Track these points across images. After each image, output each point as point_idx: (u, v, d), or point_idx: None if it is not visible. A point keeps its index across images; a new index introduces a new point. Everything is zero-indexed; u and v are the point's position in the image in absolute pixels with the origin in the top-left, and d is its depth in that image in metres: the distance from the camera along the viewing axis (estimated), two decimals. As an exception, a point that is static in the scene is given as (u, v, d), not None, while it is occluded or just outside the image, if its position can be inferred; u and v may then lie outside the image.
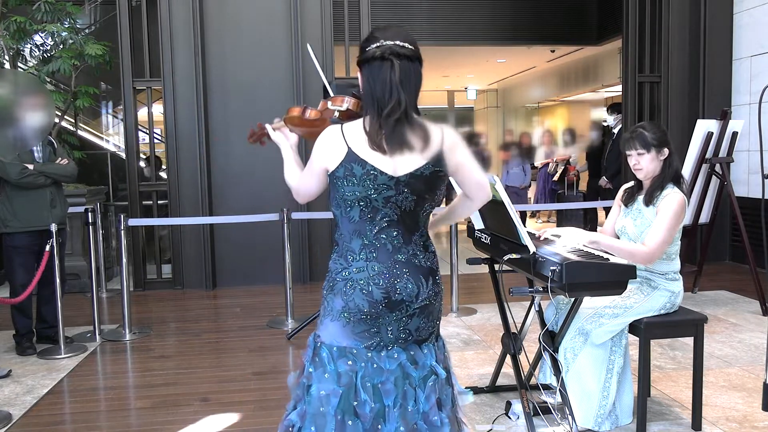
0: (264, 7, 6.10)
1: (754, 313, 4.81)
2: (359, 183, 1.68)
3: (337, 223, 1.77)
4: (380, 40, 1.70)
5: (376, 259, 1.72)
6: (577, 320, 2.76)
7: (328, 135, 1.73)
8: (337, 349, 1.72)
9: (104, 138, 9.18)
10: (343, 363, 1.71)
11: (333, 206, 1.76)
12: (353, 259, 1.72)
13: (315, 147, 1.75)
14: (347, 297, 1.72)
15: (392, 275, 1.72)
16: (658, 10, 6.63)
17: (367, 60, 1.71)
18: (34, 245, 4.15)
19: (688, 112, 6.68)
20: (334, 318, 1.74)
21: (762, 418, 2.96)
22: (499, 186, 2.54)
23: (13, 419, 3.17)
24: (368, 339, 1.72)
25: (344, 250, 1.75)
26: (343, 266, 1.74)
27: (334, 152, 1.71)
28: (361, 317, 1.71)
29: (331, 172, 1.71)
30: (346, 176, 1.68)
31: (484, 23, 8.40)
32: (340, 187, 1.70)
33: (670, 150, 2.82)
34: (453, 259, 5.04)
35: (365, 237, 1.72)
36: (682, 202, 2.74)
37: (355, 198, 1.70)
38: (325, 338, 1.75)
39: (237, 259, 6.18)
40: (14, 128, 3.65)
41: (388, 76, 1.68)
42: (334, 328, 1.74)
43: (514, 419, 2.96)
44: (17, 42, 6.06)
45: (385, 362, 1.72)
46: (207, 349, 4.32)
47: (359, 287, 1.71)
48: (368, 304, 1.71)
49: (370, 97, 1.70)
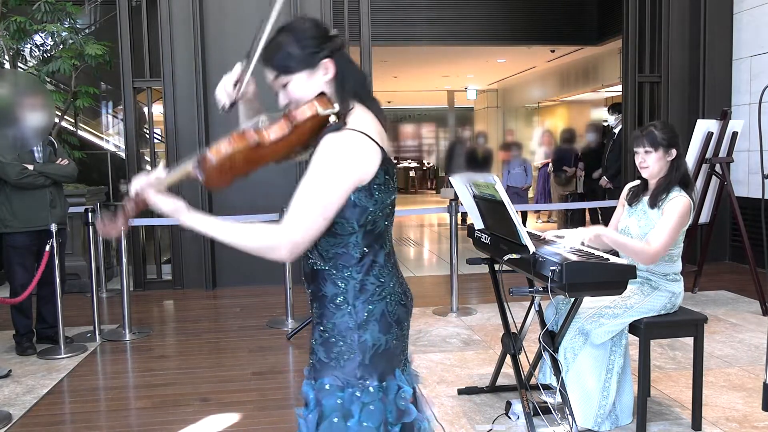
0: (264, 7, 6.06)
1: (754, 313, 4.81)
2: (393, 185, 1.49)
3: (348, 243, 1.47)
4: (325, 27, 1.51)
5: (395, 265, 1.55)
6: (577, 320, 2.76)
7: (357, 142, 1.40)
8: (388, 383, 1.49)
9: (104, 138, 9.18)
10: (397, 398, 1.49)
11: (358, 225, 1.44)
12: (383, 272, 1.50)
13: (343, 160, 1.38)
14: (392, 316, 1.50)
15: (401, 278, 1.57)
16: (658, 10, 6.63)
17: (339, 47, 1.49)
18: (34, 245, 4.15)
19: (688, 112, 6.68)
20: (382, 347, 1.48)
21: (762, 418, 2.96)
22: (499, 186, 2.55)
23: (13, 419, 3.17)
24: (399, 359, 1.53)
25: (372, 266, 1.48)
26: (376, 284, 1.49)
27: (371, 158, 1.42)
28: (402, 334, 1.53)
29: (368, 182, 1.41)
30: (385, 181, 1.44)
31: (484, 23, 8.40)
32: (380, 195, 1.44)
33: (679, 152, 2.80)
34: (453, 259, 5.04)
35: (384, 246, 1.51)
36: (688, 205, 2.73)
37: (390, 203, 1.49)
38: (373, 378, 1.47)
39: (237, 259, 6.15)
40: (14, 128, 3.65)
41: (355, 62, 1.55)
42: (382, 360, 1.48)
43: (514, 419, 2.96)
44: (17, 42, 6.06)
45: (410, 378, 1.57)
46: (207, 349, 4.32)
47: (399, 299, 1.52)
48: (407, 314, 1.54)
49: (365, 90, 1.51)
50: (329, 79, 1.48)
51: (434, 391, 3.38)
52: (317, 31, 1.48)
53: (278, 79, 1.49)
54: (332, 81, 1.48)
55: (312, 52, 1.46)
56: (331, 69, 1.47)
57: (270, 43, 1.49)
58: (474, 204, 2.96)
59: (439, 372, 3.68)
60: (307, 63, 1.47)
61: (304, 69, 1.47)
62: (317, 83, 1.47)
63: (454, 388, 3.38)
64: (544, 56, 11.21)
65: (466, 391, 3.33)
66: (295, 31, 1.48)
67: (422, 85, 15.19)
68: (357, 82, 1.49)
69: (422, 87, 15.68)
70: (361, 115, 1.46)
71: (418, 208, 10.85)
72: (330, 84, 1.48)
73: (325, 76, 1.47)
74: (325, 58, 1.47)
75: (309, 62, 1.47)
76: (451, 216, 5.16)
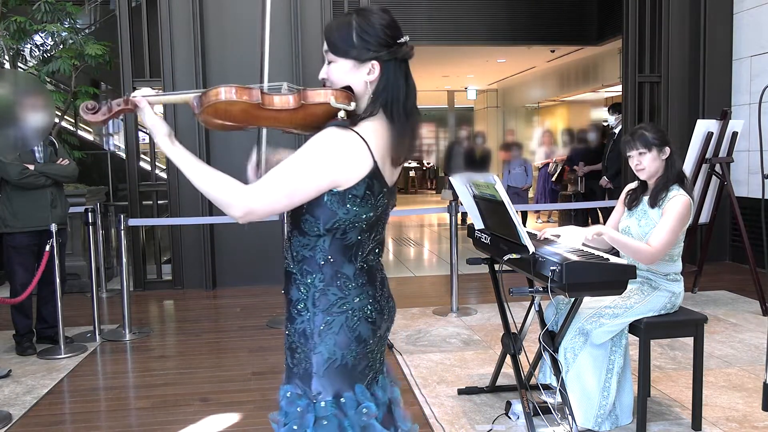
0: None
1: (754, 313, 4.81)
2: (375, 203, 1.43)
3: (316, 246, 1.45)
4: (404, 36, 1.46)
5: (369, 282, 1.49)
6: (577, 320, 2.76)
7: (351, 143, 1.38)
8: (346, 400, 1.45)
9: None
10: (357, 414, 1.45)
11: (324, 228, 1.43)
12: (349, 286, 1.46)
13: (328, 154, 1.37)
14: (352, 332, 1.46)
15: (381, 296, 1.52)
16: (658, 10, 6.63)
17: (397, 57, 1.44)
18: (34, 245, 4.15)
19: (688, 112, 6.68)
20: (339, 363, 1.45)
21: (762, 418, 2.96)
22: (499, 186, 2.55)
23: (13, 419, 3.17)
24: (366, 376, 1.50)
25: (335, 277, 1.45)
26: (338, 296, 1.45)
27: (357, 166, 1.38)
28: (366, 351, 1.48)
29: (344, 189, 1.39)
30: (365, 196, 1.40)
31: (484, 23, 8.40)
32: (353, 208, 1.40)
33: (672, 149, 2.83)
34: (453, 259, 5.04)
35: (356, 259, 1.47)
36: (688, 204, 2.74)
37: (364, 219, 1.44)
38: (327, 394, 1.45)
39: (237, 259, 6.18)
40: (15, 128, 3.66)
41: (413, 82, 1.48)
42: (338, 375, 1.46)
43: (514, 419, 2.96)
44: (17, 42, 6.07)
45: (380, 394, 1.53)
46: (207, 349, 4.32)
47: (364, 316, 1.47)
48: (372, 332, 1.49)
49: (403, 107, 1.44)
50: (371, 80, 1.44)
51: (434, 391, 3.38)
52: (386, 31, 1.43)
53: (328, 54, 1.48)
54: (372, 83, 1.44)
55: (367, 48, 1.43)
56: (376, 72, 1.44)
57: (340, 19, 1.47)
58: (474, 204, 2.96)
59: (439, 372, 3.68)
60: (357, 55, 1.44)
61: (352, 59, 1.44)
62: (358, 78, 1.45)
63: (454, 388, 3.38)
64: (544, 56, 11.21)
65: (466, 391, 3.33)
66: (365, 20, 1.44)
67: (422, 85, 14.91)
68: (395, 97, 1.43)
69: (422, 87, 15.41)
70: (375, 126, 1.42)
71: (418, 208, 10.85)
72: (370, 85, 1.45)
73: (369, 75, 1.44)
74: (376, 59, 1.43)
75: (360, 55, 1.43)
76: (451, 216, 5.16)
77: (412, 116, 1.45)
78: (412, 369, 3.71)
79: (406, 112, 1.44)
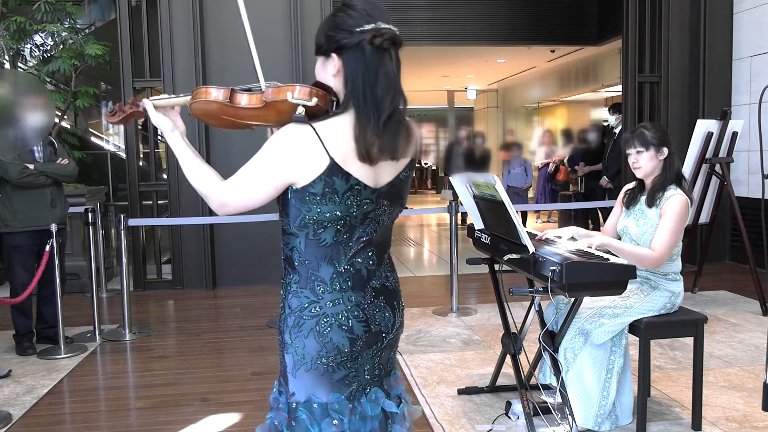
0: (264, 7, 6.09)
1: (754, 313, 4.81)
2: (341, 201, 1.37)
3: (294, 246, 1.43)
4: (374, 21, 1.37)
5: (352, 287, 1.42)
6: (577, 320, 2.76)
7: (301, 140, 1.35)
8: (318, 406, 1.42)
9: (104, 138, 9.18)
10: (328, 425, 1.41)
11: (295, 227, 1.40)
12: (323, 290, 1.41)
13: (279, 151, 1.36)
14: (323, 338, 1.40)
15: (370, 305, 1.45)
16: (658, 10, 6.63)
17: (357, 46, 1.36)
18: (34, 245, 4.15)
19: (688, 112, 6.68)
20: (309, 367, 1.42)
21: (762, 418, 2.96)
22: (499, 186, 2.55)
23: (13, 419, 3.17)
24: (348, 386, 1.44)
25: (309, 280, 1.42)
26: (310, 300, 1.41)
27: (310, 163, 1.35)
28: (342, 360, 1.42)
29: (301, 187, 1.36)
30: (325, 194, 1.35)
31: (484, 23, 8.41)
32: (314, 206, 1.37)
33: (670, 150, 2.83)
34: (453, 259, 5.04)
35: (338, 263, 1.41)
36: (685, 204, 2.75)
37: (333, 218, 1.38)
38: (300, 396, 1.43)
39: (237, 259, 6.18)
40: (14, 128, 3.66)
41: (391, 71, 1.38)
42: (309, 379, 1.42)
43: (514, 419, 2.96)
44: (17, 42, 6.07)
45: (368, 408, 1.46)
46: (207, 349, 4.32)
47: (337, 323, 1.41)
48: (349, 342, 1.41)
49: (364, 97, 1.36)
50: (334, 73, 1.41)
51: (434, 391, 3.38)
52: (348, 20, 1.38)
53: None
54: (337, 77, 1.41)
55: (330, 42, 1.40)
56: (338, 65, 1.39)
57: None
58: (474, 204, 2.96)
59: (439, 372, 3.68)
60: (323, 51, 1.43)
61: (321, 55, 1.44)
62: (328, 74, 1.43)
63: (454, 388, 3.38)
64: (544, 56, 11.21)
65: (466, 391, 3.33)
66: (333, 15, 1.42)
67: (422, 85, 15.19)
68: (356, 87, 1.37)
69: (422, 87, 15.67)
70: (341, 122, 1.37)
71: (418, 208, 10.86)
72: (336, 79, 1.41)
73: (333, 69, 1.40)
74: (336, 52, 1.39)
75: (324, 51, 1.42)
76: (451, 216, 5.16)
77: (381, 107, 1.36)
78: (412, 369, 3.72)
79: (375, 101, 1.36)
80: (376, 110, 1.36)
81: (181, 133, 1.55)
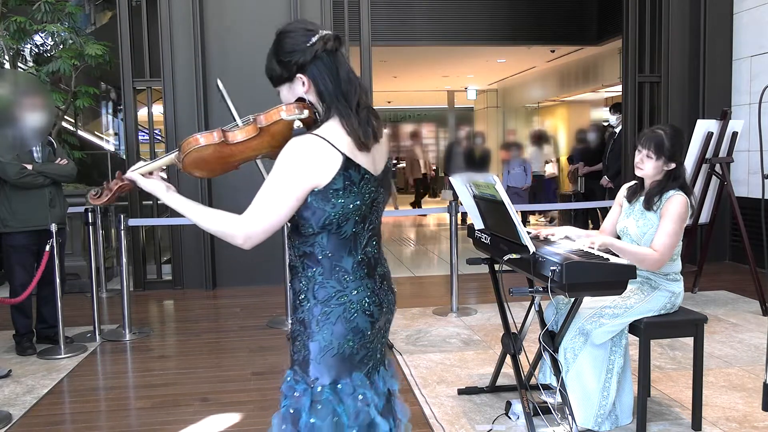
0: (264, 7, 6.09)
1: (754, 313, 4.81)
2: (359, 191, 1.50)
3: (315, 242, 1.53)
4: (314, 31, 1.52)
5: (368, 275, 1.57)
6: (577, 320, 2.76)
7: (312, 146, 1.46)
8: (343, 385, 1.54)
9: (104, 138, 9.18)
10: (354, 400, 1.53)
11: (318, 227, 1.51)
12: (348, 279, 1.54)
13: (295, 162, 1.45)
14: (350, 323, 1.53)
15: (379, 289, 1.59)
16: (658, 10, 6.63)
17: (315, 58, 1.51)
18: (34, 245, 4.15)
19: (688, 112, 6.68)
20: (335, 352, 1.53)
21: (762, 418, 2.96)
22: (499, 186, 2.55)
23: (13, 419, 3.17)
24: (366, 365, 1.58)
25: (334, 270, 1.53)
26: (336, 289, 1.53)
27: (327, 163, 1.46)
28: (364, 342, 1.56)
29: (324, 186, 1.47)
30: (346, 187, 1.48)
31: (484, 23, 8.40)
32: (338, 200, 1.48)
33: (678, 163, 2.80)
34: (453, 259, 5.04)
35: (356, 252, 1.55)
36: (685, 203, 2.74)
37: (355, 209, 1.51)
38: (324, 379, 1.53)
39: (237, 259, 6.17)
40: (14, 128, 3.65)
41: (346, 65, 1.54)
42: (335, 363, 1.53)
43: (514, 419, 2.96)
44: (17, 42, 6.07)
45: (380, 384, 1.61)
46: (207, 349, 4.32)
47: (361, 308, 1.54)
48: (370, 324, 1.56)
49: (334, 96, 1.51)
50: (305, 90, 1.53)
51: (434, 391, 3.38)
52: (295, 41, 1.51)
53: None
54: (310, 92, 1.54)
55: (287, 67, 1.53)
56: (306, 82, 1.53)
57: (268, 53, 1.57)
58: (474, 204, 2.96)
59: (439, 372, 3.68)
60: (284, 78, 1.55)
61: (284, 82, 1.56)
62: (298, 94, 1.55)
63: (454, 388, 3.38)
64: (544, 56, 11.20)
65: (466, 391, 3.33)
66: (276, 44, 1.55)
67: (422, 85, 15.19)
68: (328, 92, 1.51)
69: (422, 87, 15.67)
70: (334, 124, 1.50)
71: (418, 209, 10.85)
72: (310, 95, 1.54)
73: (303, 87, 1.53)
74: (299, 72, 1.52)
75: (286, 77, 1.55)
76: (451, 216, 5.16)
77: (348, 99, 1.51)
78: (412, 369, 3.71)
79: (345, 96, 1.51)
80: (348, 103, 1.51)
81: (174, 191, 1.62)
